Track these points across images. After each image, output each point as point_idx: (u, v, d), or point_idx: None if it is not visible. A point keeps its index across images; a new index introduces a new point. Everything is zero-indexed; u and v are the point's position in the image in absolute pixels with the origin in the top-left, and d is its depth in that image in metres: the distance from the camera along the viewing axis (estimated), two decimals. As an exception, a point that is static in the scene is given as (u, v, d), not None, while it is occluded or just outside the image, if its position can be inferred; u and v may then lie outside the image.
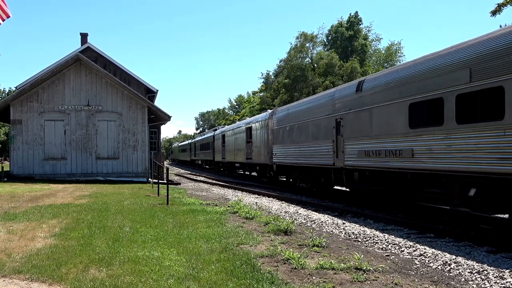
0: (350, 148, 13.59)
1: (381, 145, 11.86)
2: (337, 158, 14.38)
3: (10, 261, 6.19)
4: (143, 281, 5.25)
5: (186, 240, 7.70)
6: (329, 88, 22.89)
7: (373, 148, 12.26)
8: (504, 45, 8.02)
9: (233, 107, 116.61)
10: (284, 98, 48.47)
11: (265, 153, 23.56)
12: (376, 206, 13.69)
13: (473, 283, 5.71)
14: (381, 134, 11.92)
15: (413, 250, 7.65)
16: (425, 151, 10.06)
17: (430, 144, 9.88)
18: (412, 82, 10.54)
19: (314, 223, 10.77)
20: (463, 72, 8.83)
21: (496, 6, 20.23)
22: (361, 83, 13.21)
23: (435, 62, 9.86)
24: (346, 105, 13.84)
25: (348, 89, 14.08)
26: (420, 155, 10.22)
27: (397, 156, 11.12)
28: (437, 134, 9.63)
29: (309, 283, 5.37)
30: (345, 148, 13.83)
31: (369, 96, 12.58)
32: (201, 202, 14.12)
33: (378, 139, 12.05)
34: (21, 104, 22.66)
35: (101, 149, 23.39)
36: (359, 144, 13.04)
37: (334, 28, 55.03)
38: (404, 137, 10.83)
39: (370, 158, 12.38)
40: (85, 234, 8.08)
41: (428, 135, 9.93)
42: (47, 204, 12.55)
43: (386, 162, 11.57)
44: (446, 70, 9.39)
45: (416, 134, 10.38)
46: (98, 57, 28.77)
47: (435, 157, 9.69)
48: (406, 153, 10.68)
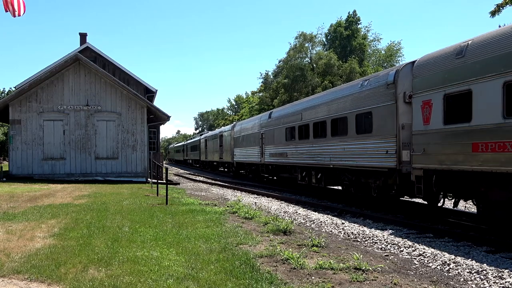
0: (267, 151, 22.72)
1: (278, 150, 20.94)
2: (262, 157, 23.59)
3: (9, 261, 6.18)
4: (142, 281, 5.25)
5: (185, 240, 7.70)
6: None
7: (275, 151, 21.37)
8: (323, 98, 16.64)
9: (232, 107, 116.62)
10: (283, 98, 48.46)
11: (230, 154, 32.29)
12: (375, 206, 13.70)
13: (472, 283, 5.72)
14: (277, 144, 20.96)
15: (412, 250, 7.65)
16: (291, 153, 18.98)
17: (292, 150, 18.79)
18: (287, 116, 19.75)
19: (313, 223, 10.77)
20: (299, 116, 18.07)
21: (495, 6, 20.23)
22: (271, 113, 22.81)
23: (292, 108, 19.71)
24: (264, 125, 23.31)
25: (266, 116, 23.47)
26: (290, 156, 19.23)
27: (283, 156, 20.15)
28: (293, 144, 18.81)
29: (308, 283, 5.37)
30: (264, 151, 23.07)
31: (273, 121, 21.85)
32: (200, 202, 14.12)
33: (276, 146, 21.15)
34: (20, 104, 22.64)
35: (100, 149, 23.38)
36: (270, 149, 22.12)
37: (333, 28, 55.04)
38: (284, 146, 19.95)
39: (274, 157, 21.49)
40: (84, 234, 8.08)
41: (292, 145, 18.86)
42: (46, 204, 12.54)
43: (279, 159, 20.86)
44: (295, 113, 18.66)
45: (288, 144, 19.42)
46: (97, 57, 28.77)
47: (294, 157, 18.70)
48: (285, 155, 19.80)
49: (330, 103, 15.34)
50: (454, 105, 9.15)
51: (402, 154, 11.35)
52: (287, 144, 19.40)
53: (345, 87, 15.26)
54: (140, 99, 24.14)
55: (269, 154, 22.09)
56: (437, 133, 9.66)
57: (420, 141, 10.23)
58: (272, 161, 21.97)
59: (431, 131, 9.83)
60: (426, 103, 10.04)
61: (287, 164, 19.82)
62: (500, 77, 7.91)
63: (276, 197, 17.37)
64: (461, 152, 8.89)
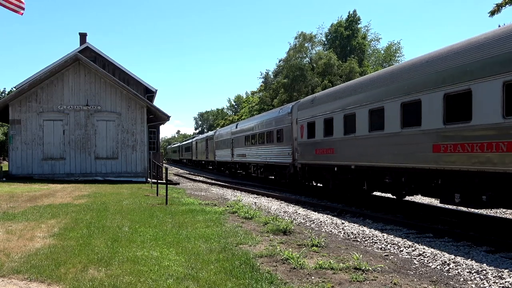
0: (235, 152, 30.90)
1: (240, 152, 29.06)
2: (232, 157, 32.02)
3: (9, 261, 6.18)
4: (142, 281, 5.25)
5: (185, 240, 7.69)
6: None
7: (239, 153, 29.61)
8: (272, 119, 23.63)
9: (232, 107, 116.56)
10: (283, 98, 48.47)
11: (213, 154, 40.91)
12: (375, 206, 13.70)
13: (472, 283, 5.72)
14: (240, 147, 29.16)
15: (412, 250, 7.65)
16: (248, 154, 26.61)
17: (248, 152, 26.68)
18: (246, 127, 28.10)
19: (313, 223, 10.77)
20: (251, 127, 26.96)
21: (495, 6, 20.25)
22: (237, 125, 32.05)
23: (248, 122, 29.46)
24: (233, 133, 31.67)
25: (234, 126, 32.48)
26: (247, 156, 27.02)
27: (244, 157, 27.94)
28: (248, 148, 26.90)
29: (308, 283, 5.37)
30: (234, 152, 31.21)
31: (239, 130, 30.18)
32: (200, 202, 14.12)
33: (240, 149, 29.42)
34: (20, 104, 22.63)
35: (100, 149, 23.37)
36: (237, 151, 30.29)
37: (333, 28, 55.04)
38: (244, 149, 27.88)
39: (239, 157, 29.58)
40: (84, 234, 8.08)
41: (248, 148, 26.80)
42: (46, 204, 12.54)
43: (242, 158, 28.85)
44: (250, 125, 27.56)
45: (246, 147, 27.35)
46: (97, 57, 28.75)
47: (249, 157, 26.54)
48: (244, 155, 27.36)
49: (266, 121, 24.07)
50: (310, 128, 16.54)
51: (294, 155, 18.84)
52: (245, 147, 28.13)
53: (271, 112, 25.83)
54: (140, 99, 24.13)
55: (236, 155, 30.83)
56: (305, 143, 17.20)
57: (300, 148, 17.89)
58: (238, 160, 30.76)
59: (303, 142, 17.37)
60: (301, 126, 17.61)
61: (246, 162, 28.77)
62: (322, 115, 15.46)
63: (276, 197, 17.36)
64: (312, 154, 16.38)
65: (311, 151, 16.37)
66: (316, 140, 15.84)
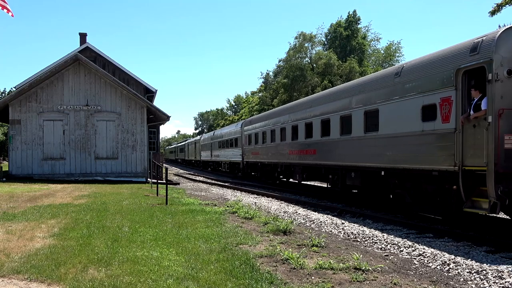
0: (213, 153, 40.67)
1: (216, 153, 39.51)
2: (211, 157, 41.97)
3: (9, 261, 6.18)
4: (142, 281, 5.25)
5: (185, 240, 7.69)
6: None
7: (215, 154, 39.64)
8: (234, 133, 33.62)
9: (232, 107, 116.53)
10: (283, 98, 48.45)
11: (199, 155, 50.94)
12: (374, 206, 13.71)
13: (472, 283, 5.72)
14: (217, 149, 38.82)
15: (412, 250, 7.65)
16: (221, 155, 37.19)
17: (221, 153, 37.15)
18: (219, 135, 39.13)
19: (313, 223, 10.77)
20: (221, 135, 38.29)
21: (495, 6, 20.25)
22: (214, 132, 43.62)
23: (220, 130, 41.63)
24: (213, 138, 41.29)
25: (213, 133, 43.91)
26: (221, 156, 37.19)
27: (218, 156, 38.18)
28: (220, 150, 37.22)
29: (308, 283, 5.37)
30: (212, 153, 41.21)
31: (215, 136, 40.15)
32: (200, 202, 14.12)
33: (215, 151, 39.78)
34: (20, 104, 22.63)
35: (100, 149, 23.37)
36: (214, 152, 40.64)
37: (333, 27, 55.03)
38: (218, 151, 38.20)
39: (215, 157, 39.70)
40: (84, 234, 8.08)
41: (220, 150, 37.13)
42: (46, 204, 12.54)
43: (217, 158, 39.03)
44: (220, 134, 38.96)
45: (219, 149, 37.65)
46: (97, 57, 28.73)
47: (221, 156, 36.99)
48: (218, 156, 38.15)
49: (229, 132, 33.41)
50: (249, 139, 26.36)
51: (243, 156, 28.07)
52: (219, 150, 37.40)
53: (233, 125, 36.71)
54: (140, 99, 24.13)
55: (214, 155, 40.45)
56: (248, 149, 26.92)
57: (245, 151, 27.62)
58: (214, 159, 40.74)
59: (247, 148, 27.19)
60: (246, 137, 27.48)
61: (219, 161, 38.39)
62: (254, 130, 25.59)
63: (276, 197, 17.36)
64: (251, 155, 26.01)
65: (250, 153, 26.43)
66: (253, 147, 25.64)
